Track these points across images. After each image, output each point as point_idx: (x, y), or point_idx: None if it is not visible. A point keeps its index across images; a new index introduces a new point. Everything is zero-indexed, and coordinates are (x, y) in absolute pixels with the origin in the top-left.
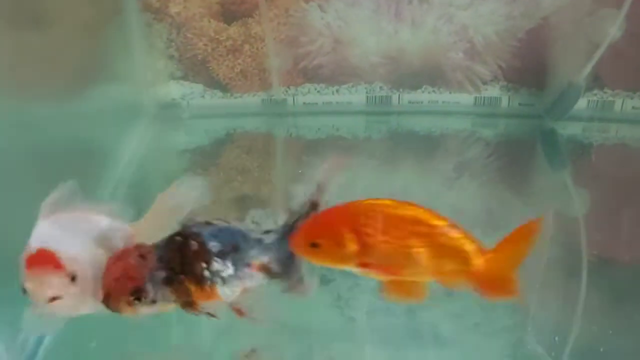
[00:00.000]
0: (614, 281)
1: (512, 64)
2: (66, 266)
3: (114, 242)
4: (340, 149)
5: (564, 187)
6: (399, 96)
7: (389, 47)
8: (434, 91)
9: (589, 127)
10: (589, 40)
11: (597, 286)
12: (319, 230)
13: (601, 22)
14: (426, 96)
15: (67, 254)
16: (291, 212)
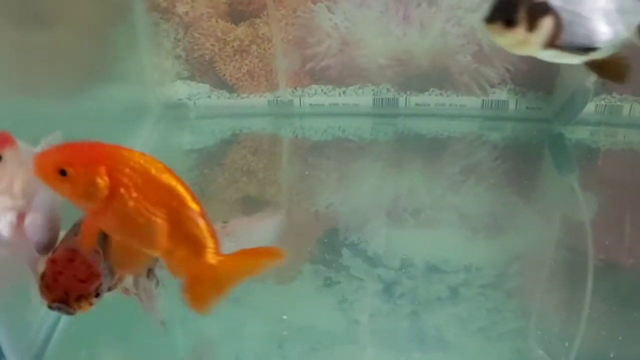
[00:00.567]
0: (620, 286)
1: (520, 67)
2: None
3: None
4: (346, 150)
5: (571, 192)
6: (406, 98)
7: (397, 49)
8: (441, 94)
9: (596, 131)
10: None
11: (603, 291)
12: (72, 157)
13: None
14: (433, 99)
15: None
16: None
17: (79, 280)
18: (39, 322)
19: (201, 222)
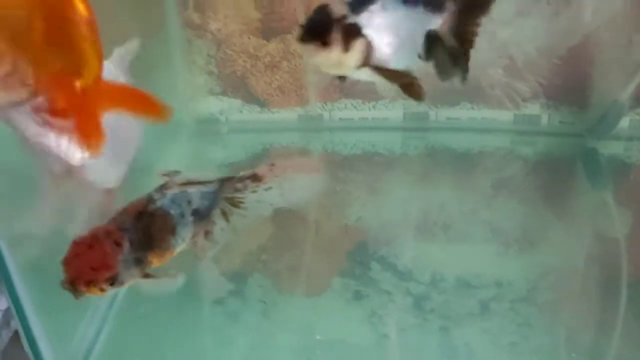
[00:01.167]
0: None
1: (553, 82)
2: None
3: None
4: (376, 164)
5: (605, 207)
6: (436, 112)
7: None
8: (473, 108)
9: (630, 146)
10: (632, 58)
11: (636, 307)
12: None
13: None
14: (464, 113)
15: None
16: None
17: (91, 267)
18: (81, 334)
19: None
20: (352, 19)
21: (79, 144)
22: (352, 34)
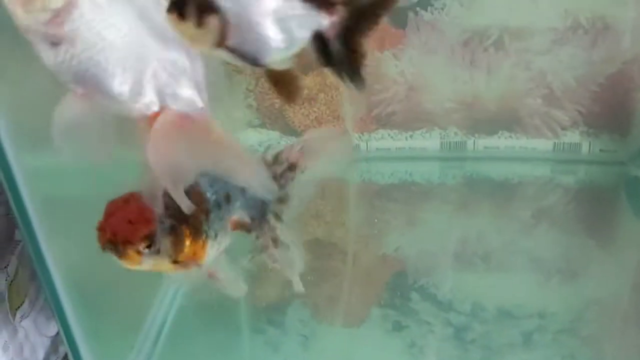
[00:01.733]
0: None
1: (593, 110)
2: None
3: None
4: (413, 194)
5: None
6: (474, 142)
7: (464, 93)
8: (511, 136)
9: None
10: None
11: None
12: None
13: None
14: (502, 141)
15: None
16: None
17: (128, 221)
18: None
19: None
20: None
21: None
22: (205, 9)
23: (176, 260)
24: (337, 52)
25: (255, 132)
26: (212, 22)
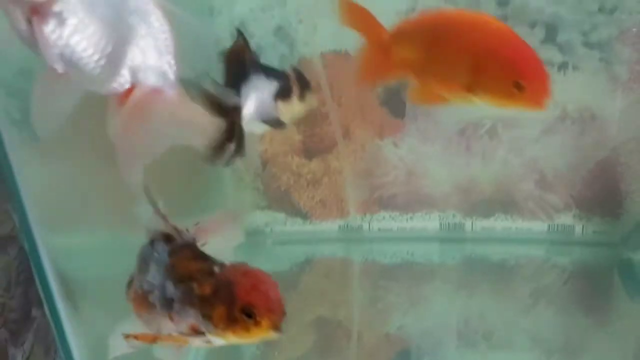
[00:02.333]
0: None
1: (584, 194)
2: None
3: None
4: (415, 274)
5: None
6: (472, 223)
7: (461, 178)
8: (507, 219)
9: None
10: None
11: None
12: None
13: None
14: (499, 223)
15: None
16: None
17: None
18: None
19: None
20: None
21: None
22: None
23: None
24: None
25: (262, 213)
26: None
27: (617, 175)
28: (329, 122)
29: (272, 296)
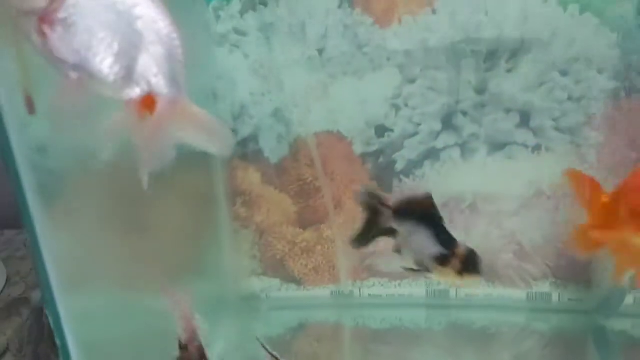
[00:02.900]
0: None
1: (559, 263)
2: None
3: None
4: (404, 338)
5: None
6: (456, 290)
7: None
8: (489, 286)
9: (637, 323)
10: None
11: None
12: None
13: None
14: (481, 290)
15: None
16: None
17: None
18: None
19: None
20: None
21: None
22: None
23: None
24: None
25: (258, 279)
26: None
27: None
28: (322, 195)
29: None
